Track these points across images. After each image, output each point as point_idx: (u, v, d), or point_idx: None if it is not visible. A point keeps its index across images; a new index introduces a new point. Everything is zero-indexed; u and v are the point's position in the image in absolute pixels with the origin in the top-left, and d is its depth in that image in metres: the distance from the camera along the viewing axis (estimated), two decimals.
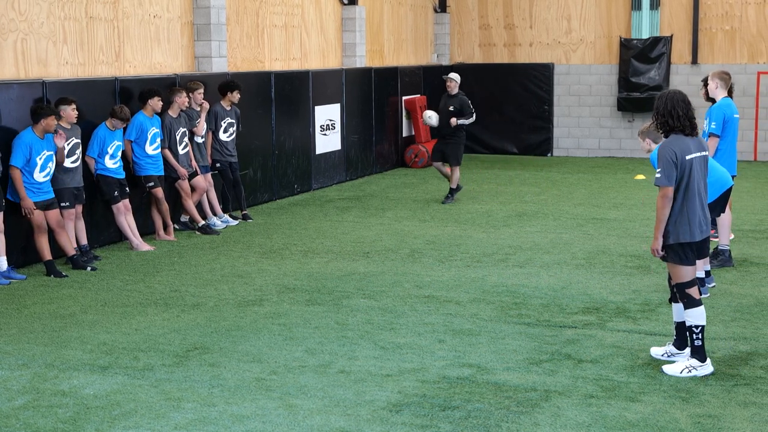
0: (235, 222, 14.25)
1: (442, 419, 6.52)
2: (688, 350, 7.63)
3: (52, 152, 10.98)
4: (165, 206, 12.93)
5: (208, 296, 9.98)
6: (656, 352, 7.85)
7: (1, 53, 11.64)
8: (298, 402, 6.84)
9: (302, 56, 18.08)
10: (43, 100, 11.43)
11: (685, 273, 7.43)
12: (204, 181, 13.69)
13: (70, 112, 11.41)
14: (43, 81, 11.58)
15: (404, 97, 21.02)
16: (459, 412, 6.63)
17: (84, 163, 11.91)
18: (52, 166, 11.02)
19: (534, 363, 7.71)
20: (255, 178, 15.88)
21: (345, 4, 19.38)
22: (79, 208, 11.69)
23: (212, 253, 12.20)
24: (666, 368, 7.44)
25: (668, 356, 7.74)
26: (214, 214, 14.07)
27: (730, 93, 11.44)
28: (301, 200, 16.63)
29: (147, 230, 13.13)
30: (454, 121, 15.99)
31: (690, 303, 7.41)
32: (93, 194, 12.21)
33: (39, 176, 10.89)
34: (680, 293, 7.47)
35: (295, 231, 13.67)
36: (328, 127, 18.16)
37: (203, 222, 13.56)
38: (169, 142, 13.10)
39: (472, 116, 16.20)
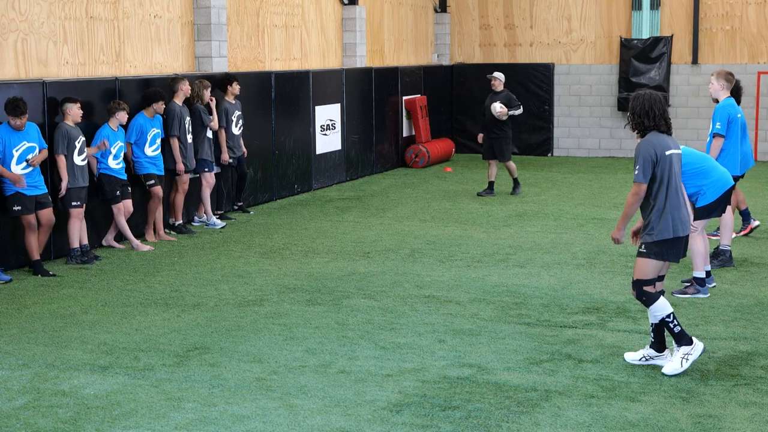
0: (222, 225, 13.96)
1: (443, 419, 6.52)
2: (666, 352, 7.60)
3: (33, 143, 10.85)
4: (160, 207, 12.84)
5: (208, 296, 9.98)
6: (632, 357, 7.68)
7: (2, 53, 11.64)
8: (298, 402, 6.85)
9: (302, 56, 18.08)
10: (44, 100, 11.43)
11: (651, 269, 7.49)
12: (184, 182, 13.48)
13: (75, 110, 11.42)
14: (44, 81, 11.58)
15: (404, 97, 21.01)
16: (459, 412, 6.63)
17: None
18: (31, 158, 10.83)
19: (534, 363, 7.71)
20: (255, 178, 15.88)
21: (345, 4, 19.38)
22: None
23: (212, 253, 12.20)
24: (666, 369, 7.42)
25: (646, 360, 7.63)
26: (205, 213, 13.96)
27: (735, 93, 11.45)
28: (301, 200, 16.63)
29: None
30: (505, 110, 16.47)
31: (649, 299, 7.47)
32: (93, 194, 12.20)
33: (16, 169, 10.77)
34: (638, 291, 7.48)
35: (296, 231, 13.67)
36: (328, 127, 18.16)
37: (179, 221, 13.41)
38: (179, 129, 13.02)
39: (519, 108, 16.83)
